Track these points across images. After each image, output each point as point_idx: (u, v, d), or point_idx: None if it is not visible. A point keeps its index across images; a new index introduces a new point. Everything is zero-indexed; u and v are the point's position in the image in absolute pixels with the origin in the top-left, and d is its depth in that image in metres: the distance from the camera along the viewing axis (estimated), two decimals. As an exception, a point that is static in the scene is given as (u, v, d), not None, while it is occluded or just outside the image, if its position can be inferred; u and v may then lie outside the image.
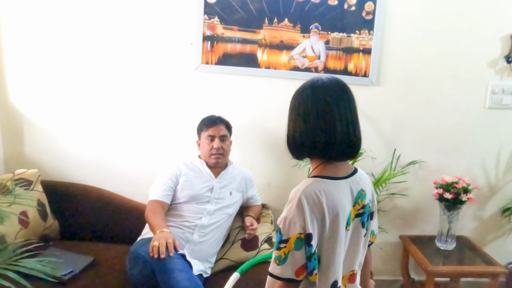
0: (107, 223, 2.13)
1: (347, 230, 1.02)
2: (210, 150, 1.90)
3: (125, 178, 2.26)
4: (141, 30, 2.13)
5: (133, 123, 2.23)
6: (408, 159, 2.30)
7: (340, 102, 1.00)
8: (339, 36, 2.17)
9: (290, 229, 0.94)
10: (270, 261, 0.98)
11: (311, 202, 0.94)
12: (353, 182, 1.04)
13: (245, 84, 2.20)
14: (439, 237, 2.24)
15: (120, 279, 1.73)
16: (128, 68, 2.17)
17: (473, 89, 2.31)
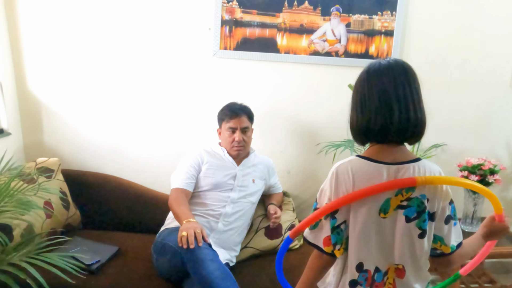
0: (128, 213, 2.11)
1: (381, 217, 0.99)
2: (232, 142, 1.84)
3: (145, 167, 2.23)
4: (158, 15, 2.07)
5: (152, 111, 2.18)
6: (431, 143, 2.24)
7: (398, 84, 0.96)
8: (360, 18, 2.09)
9: (321, 198, 1.01)
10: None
11: (341, 178, 0.98)
12: (401, 170, 0.99)
13: (264, 69, 2.14)
14: (464, 219, 2.19)
15: (147, 268, 1.72)
16: (146, 55, 2.11)
17: (497, 68, 2.23)
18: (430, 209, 1.00)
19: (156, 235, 1.77)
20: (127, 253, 1.82)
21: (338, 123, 2.19)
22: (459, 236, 1.06)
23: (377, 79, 0.97)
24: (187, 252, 1.47)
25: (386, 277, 1.03)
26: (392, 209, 0.99)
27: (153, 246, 1.73)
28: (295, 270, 1.69)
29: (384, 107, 0.95)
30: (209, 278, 1.41)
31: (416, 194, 0.99)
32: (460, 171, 2.10)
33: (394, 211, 0.99)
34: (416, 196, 0.98)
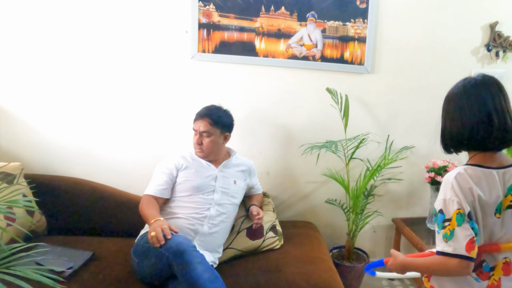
0: (102, 217, 2.01)
1: (496, 217, 1.09)
2: (194, 144, 1.84)
3: (120, 170, 2.14)
4: (133, 17, 2.00)
5: (127, 114, 2.10)
6: (401, 145, 2.32)
7: (494, 96, 1.06)
8: (335, 25, 2.13)
9: (450, 207, 1.03)
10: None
11: (462, 185, 1.05)
12: (507, 173, 1.10)
13: (243, 73, 2.12)
14: (430, 218, 2.28)
15: (125, 272, 1.64)
16: (120, 56, 2.03)
17: (458, 76, 2.31)
18: None
19: (137, 239, 1.70)
20: (102, 258, 1.72)
21: (316, 125, 2.23)
22: None
23: (475, 92, 1.07)
24: (175, 255, 1.43)
25: (492, 273, 1.11)
26: (503, 209, 1.10)
27: (133, 250, 1.66)
28: (279, 270, 1.70)
29: (485, 118, 1.05)
30: (198, 280, 1.37)
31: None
32: (427, 172, 2.19)
33: (504, 210, 1.10)
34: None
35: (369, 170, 2.18)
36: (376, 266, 1.33)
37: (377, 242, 2.48)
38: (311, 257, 1.83)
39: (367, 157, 2.28)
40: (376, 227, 2.43)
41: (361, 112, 2.26)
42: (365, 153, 2.25)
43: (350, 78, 2.21)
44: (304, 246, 1.94)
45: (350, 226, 2.19)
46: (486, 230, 1.09)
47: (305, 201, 2.34)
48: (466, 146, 1.11)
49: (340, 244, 2.34)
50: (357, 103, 2.25)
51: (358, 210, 2.16)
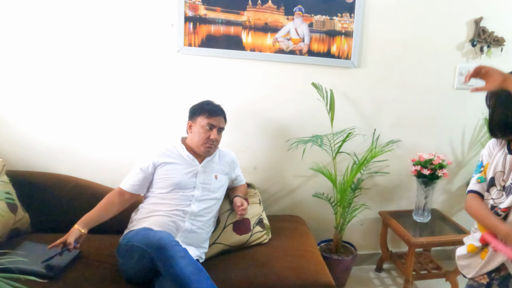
0: (86, 213, 1.90)
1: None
2: (206, 139, 1.73)
3: (105, 166, 2.07)
4: (117, 10, 1.93)
5: (111, 109, 2.03)
6: (387, 139, 2.29)
7: None
8: (322, 19, 2.08)
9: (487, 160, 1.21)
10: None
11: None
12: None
13: (230, 66, 2.07)
14: (416, 211, 2.26)
15: (111, 271, 1.58)
16: (104, 51, 1.95)
17: (443, 71, 2.34)
18: None
19: (120, 239, 1.64)
20: (89, 255, 1.66)
21: (304, 119, 2.19)
22: None
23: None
24: (157, 251, 1.38)
25: None
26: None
27: (117, 250, 1.60)
28: (267, 264, 1.67)
29: None
30: (182, 274, 1.33)
31: None
32: (413, 165, 2.16)
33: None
34: None
35: (356, 164, 2.14)
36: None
37: (365, 235, 2.46)
38: (299, 251, 1.81)
39: (354, 151, 2.25)
40: (363, 220, 2.41)
41: (348, 106, 2.23)
42: (352, 147, 2.22)
43: (337, 72, 2.17)
44: (292, 240, 1.91)
45: (337, 219, 2.16)
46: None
47: (293, 195, 2.30)
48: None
49: (328, 237, 2.31)
50: (344, 97, 2.21)
51: (346, 203, 2.13)
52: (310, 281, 1.61)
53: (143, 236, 1.49)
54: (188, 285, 1.32)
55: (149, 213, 1.66)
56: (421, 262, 2.31)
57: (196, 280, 1.33)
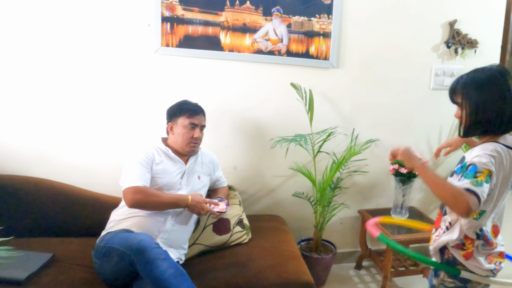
0: (63, 217, 1.87)
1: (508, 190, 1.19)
2: (190, 138, 1.72)
3: (81, 168, 2.00)
4: (92, 9, 1.88)
5: (86, 110, 1.97)
6: (366, 138, 2.30)
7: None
8: (300, 20, 2.07)
9: (483, 165, 1.09)
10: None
11: (495, 156, 1.12)
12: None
13: (208, 67, 2.04)
14: (394, 209, 2.27)
15: (88, 273, 1.53)
16: (78, 51, 1.90)
17: (420, 71, 2.35)
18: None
19: (97, 240, 1.59)
20: (63, 259, 1.61)
21: (283, 120, 2.18)
22: None
23: (510, 78, 1.14)
24: (137, 253, 1.35)
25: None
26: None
27: (94, 252, 1.56)
28: (247, 264, 1.65)
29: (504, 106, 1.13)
30: (162, 277, 1.30)
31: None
32: (391, 164, 2.17)
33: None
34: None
35: (335, 163, 2.13)
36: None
37: (344, 234, 2.46)
38: (279, 250, 1.79)
39: (333, 151, 2.24)
40: (342, 219, 2.41)
41: (327, 106, 2.23)
42: (331, 146, 2.21)
43: (316, 72, 2.17)
44: (272, 239, 1.89)
45: (317, 218, 2.15)
46: (498, 199, 1.17)
47: (273, 194, 2.28)
48: (501, 128, 1.16)
49: (308, 236, 2.30)
50: (323, 97, 2.20)
51: (325, 202, 2.12)
52: (289, 280, 1.59)
53: (122, 238, 1.45)
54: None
55: (129, 214, 1.62)
56: (399, 259, 2.32)
57: (177, 283, 1.31)
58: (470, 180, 1.07)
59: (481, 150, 1.12)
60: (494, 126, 1.15)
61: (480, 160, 1.09)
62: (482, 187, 1.07)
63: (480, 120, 1.16)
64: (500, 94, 1.12)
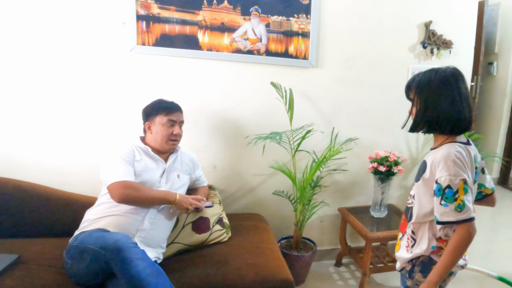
0: (31, 217, 1.81)
1: (473, 184, 1.22)
2: (169, 136, 1.71)
3: (52, 167, 1.95)
4: (64, 6, 1.83)
5: (60, 110, 1.92)
6: (346, 137, 2.30)
7: (467, 86, 1.20)
8: (278, 20, 2.06)
9: (456, 180, 1.12)
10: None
11: (459, 157, 1.14)
12: (470, 149, 1.21)
13: (186, 66, 2.02)
14: (373, 206, 2.29)
15: (58, 274, 1.49)
16: (50, 49, 1.85)
17: (397, 71, 2.38)
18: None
19: (70, 240, 1.55)
20: (30, 260, 1.55)
21: (263, 119, 2.17)
22: None
23: (462, 80, 1.18)
24: (113, 253, 1.32)
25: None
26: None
27: (66, 252, 1.52)
28: (227, 262, 1.64)
29: (467, 104, 1.17)
30: (139, 277, 1.28)
31: (477, 163, 1.26)
32: (370, 163, 2.18)
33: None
34: (477, 165, 1.26)
35: (315, 162, 2.13)
36: None
37: (324, 231, 2.47)
38: (259, 248, 1.78)
39: (313, 149, 2.25)
40: (322, 216, 2.41)
41: (306, 105, 2.23)
42: (311, 145, 2.22)
43: (295, 72, 2.17)
44: (252, 238, 1.89)
45: (297, 216, 2.15)
46: (472, 196, 1.19)
47: (253, 193, 2.28)
48: (447, 129, 1.18)
49: (288, 234, 2.30)
50: (303, 97, 2.20)
51: (305, 201, 2.12)
52: (269, 277, 1.59)
53: (97, 237, 1.42)
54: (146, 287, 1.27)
55: (105, 213, 1.59)
56: (378, 255, 2.33)
57: (154, 283, 1.29)
58: (454, 206, 1.12)
59: (445, 160, 1.14)
60: (442, 126, 1.18)
61: (450, 180, 1.12)
62: (465, 205, 1.11)
63: (427, 118, 1.19)
64: (449, 96, 1.16)
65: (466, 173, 1.13)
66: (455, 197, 1.11)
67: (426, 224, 1.23)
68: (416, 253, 1.24)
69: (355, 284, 2.21)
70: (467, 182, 1.12)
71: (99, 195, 1.68)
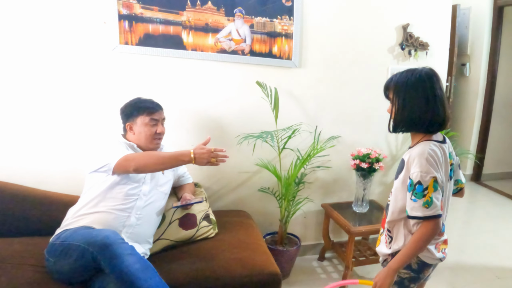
0: (3, 216, 1.75)
1: (449, 181, 1.27)
2: (153, 135, 1.70)
3: (28, 166, 1.91)
4: (44, 4, 1.79)
5: (40, 110, 1.88)
6: (328, 135, 2.34)
7: (442, 86, 1.24)
8: (262, 21, 2.08)
9: (427, 177, 1.15)
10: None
11: (433, 156, 1.17)
12: (445, 147, 1.25)
13: (171, 66, 2.02)
14: (356, 202, 2.33)
15: (37, 273, 1.45)
16: (31, 48, 1.81)
17: (377, 71, 2.43)
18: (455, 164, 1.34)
19: (51, 239, 1.52)
20: (6, 260, 1.50)
21: (248, 118, 2.19)
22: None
23: (437, 81, 1.21)
24: (101, 249, 1.32)
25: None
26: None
27: (47, 250, 1.49)
28: (214, 257, 1.65)
29: (443, 103, 1.21)
30: (129, 271, 1.28)
31: (453, 160, 1.31)
32: (353, 160, 2.22)
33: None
34: (453, 161, 1.31)
35: (299, 159, 2.15)
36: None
37: (308, 227, 2.50)
38: (246, 243, 1.80)
39: (297, 147, 2.27)
40: (306, 212, 2.44)
41: (290, 105, 2.25)
42: (295, 143, 2.24)
43: (279, 72, 2.19)
44: (239, 233, 1.90)
45: (282, 212, 2.17)
46: (444, 190, 1.23)
47: (238, 190, 2.29)
48: (434, 126, 1.22)
49: (273, 230, 2.33)
50: (287, 96, 2.23)
51: (290, 197, 2.15)
52: (256, 271, 1.60)
53: (83, 234, 1.41)
54: (135, 282, 1.27)
55: (89, 210, 1.56)
56: (360, 249, 2.38)
57: (144, 277, 1.29)
58: (422, 202, 1.16)
59: (419, 157, 1.18)
60: (418, 125, 1.22)
61: (421, 176, 1.16)
62: (433, 202, 1.15)
63: (405, 117, 1.23)
64: (424, 96, 1.20)
65: (438, 172, 1.16)
66: (424, 193, 1.15)
67: (401, 222, 1.27)
68: (395, 249, 1.28)
69: (338, 277, 2.25)
70: (437, 180, 1.15)
71: (82, 192, 1.65)
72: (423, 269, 1.27)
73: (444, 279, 2.26)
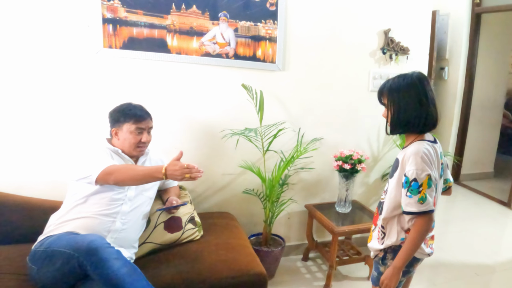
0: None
1: (440, 179, 1.31)
2: (137, 143, 1.64)
3: (7, 172, 1.84)
4: (26, 7, 1.74)
5: (22, 114, 1.82)
6: (311, 136, 2.33)
7: (432, 88, 1.28)
8: (246, 25, 2.05)
9: (422, 174, 1.19)
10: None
11: (427, 154, 1.22)
12: (437, 146, 1.29)
13: (155, 69, 1.99)
14: (338, 202, 2.32)
15: (18, 281, 1.40)
16: (12, 52, 1.75)
17: (359, 75, 2.43)
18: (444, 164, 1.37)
19: (34, 246, 1.47)
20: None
21: (233, 120, 2.16)
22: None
23: (428, 83, 1.25)
24: (87, 254, 1.28)
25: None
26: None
27: (30, 258, 1.44)
28: (200, 259, 1.63)
29: (433, 105, 1.25)
30: (116, 276, 1.25)
31: (443, 160, 1.35)
32: (335, 161, 2.20)
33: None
34: (443, 161, 1.35)
35: (283, 161, 2.13)
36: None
37: (292, 227, 2.49)
38: (231, 245, 1.79)
39: (281, 149, 2.26)
40: (290, 213, 2.43)
41: (274, 107, 2.24)
42: (279, 145, 2.23)
43: (263, 75, 2.16)
44: (224, 235, 1.88)
45: (266, 214, 2.14)
46: (437, 190, 1.27)
47: (223, 192, 2.26)
48: (418, 128, 1.26)
49: (258, 231, 2.31)
50: (270, 99, 2.21)
51: (274, 198, 2.13)
52: (242, 272, 1.59)
53: (68, 240, 1.36)
54: (123, 286, 1.24)
55: (73, 216, 1.51)
56: (343, 249, 2.37)
57: (131, 281, 1.26)
58: (417, 198, 1.20)
59: (414, 156, 1.22)
60: (413, 126, 1.27)
61: (417, 174, 1.20)
62: (427, 199, 1.19)
63: (402, 120, 1.27)
64: (418, 98, 1.25)
65: (432, 170, 1.21)
66: (419, 190, 1.19)
67: (394, 219, 1.30)
68: (387, 244, 1.32)
69: (322, 277, 2.24)
70: (431, 177, 1.20)
71: (66, 198, 1.60)
72: (413, 263, 1.32)
73: (424, 276, 2.26)
